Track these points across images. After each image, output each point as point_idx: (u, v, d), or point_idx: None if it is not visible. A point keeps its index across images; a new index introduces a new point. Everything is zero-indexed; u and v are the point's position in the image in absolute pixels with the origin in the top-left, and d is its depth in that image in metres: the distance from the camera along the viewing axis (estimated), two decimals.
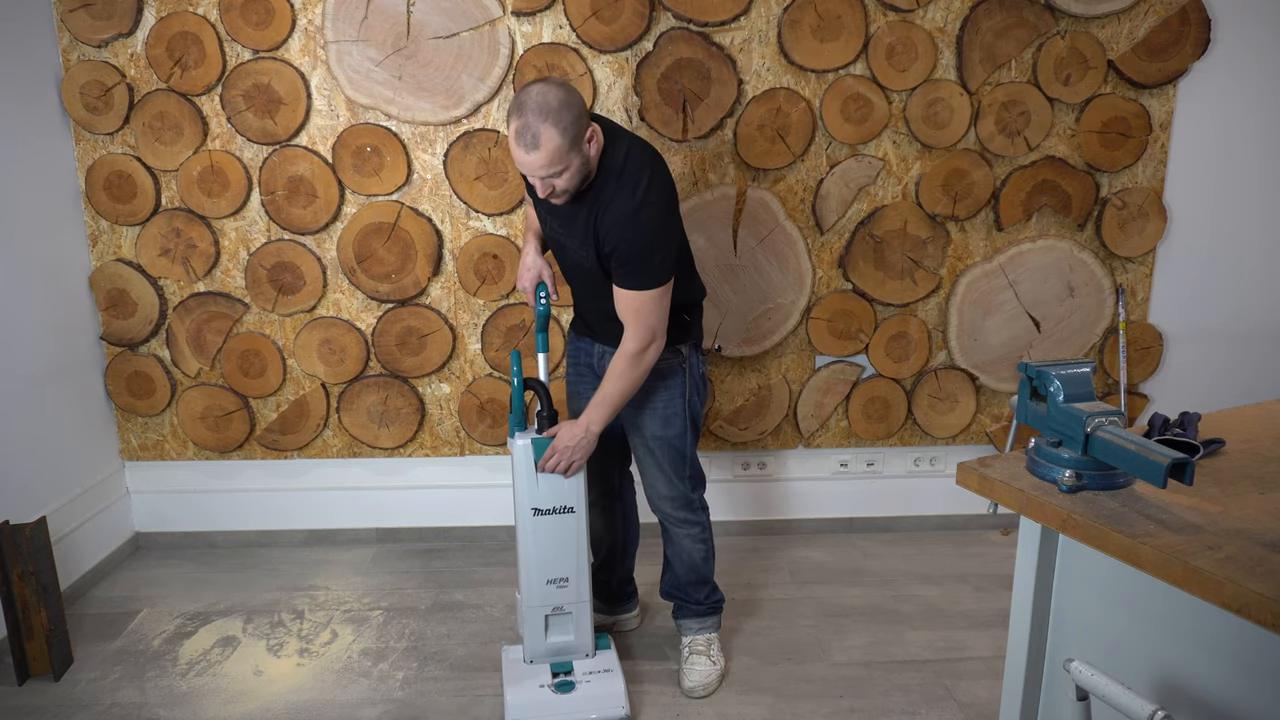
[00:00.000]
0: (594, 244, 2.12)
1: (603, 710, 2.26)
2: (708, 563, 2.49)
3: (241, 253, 3.03)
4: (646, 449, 2.38)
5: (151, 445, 3.19)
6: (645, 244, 2.08)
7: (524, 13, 2.85)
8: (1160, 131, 3.03)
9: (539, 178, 2.00)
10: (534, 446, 2.26)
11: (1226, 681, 1.25)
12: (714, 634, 2.54)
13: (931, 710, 2.36)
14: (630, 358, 2.14)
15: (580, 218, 2.12)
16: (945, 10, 2.90)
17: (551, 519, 2.32)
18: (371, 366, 3.12)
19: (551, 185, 2.02)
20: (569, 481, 2.30)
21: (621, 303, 2.12)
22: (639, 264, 2.08)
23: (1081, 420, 1.37)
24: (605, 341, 2.33)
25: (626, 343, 2.14)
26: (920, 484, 3.36)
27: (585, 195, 2.11)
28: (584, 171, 2.04)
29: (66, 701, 2.42)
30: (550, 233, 2.29)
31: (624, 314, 2.13)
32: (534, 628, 2.35)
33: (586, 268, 2.20)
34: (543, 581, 2.33)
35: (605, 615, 2.72)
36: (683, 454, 2.38)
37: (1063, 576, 1.51)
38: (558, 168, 1.98)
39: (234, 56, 2.88)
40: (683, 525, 2.44)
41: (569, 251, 2.24)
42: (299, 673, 2.55)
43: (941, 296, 3.14)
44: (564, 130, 1.94)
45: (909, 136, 2.99)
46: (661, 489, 2.40)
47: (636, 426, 2.36)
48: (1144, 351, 3.21)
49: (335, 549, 3.29)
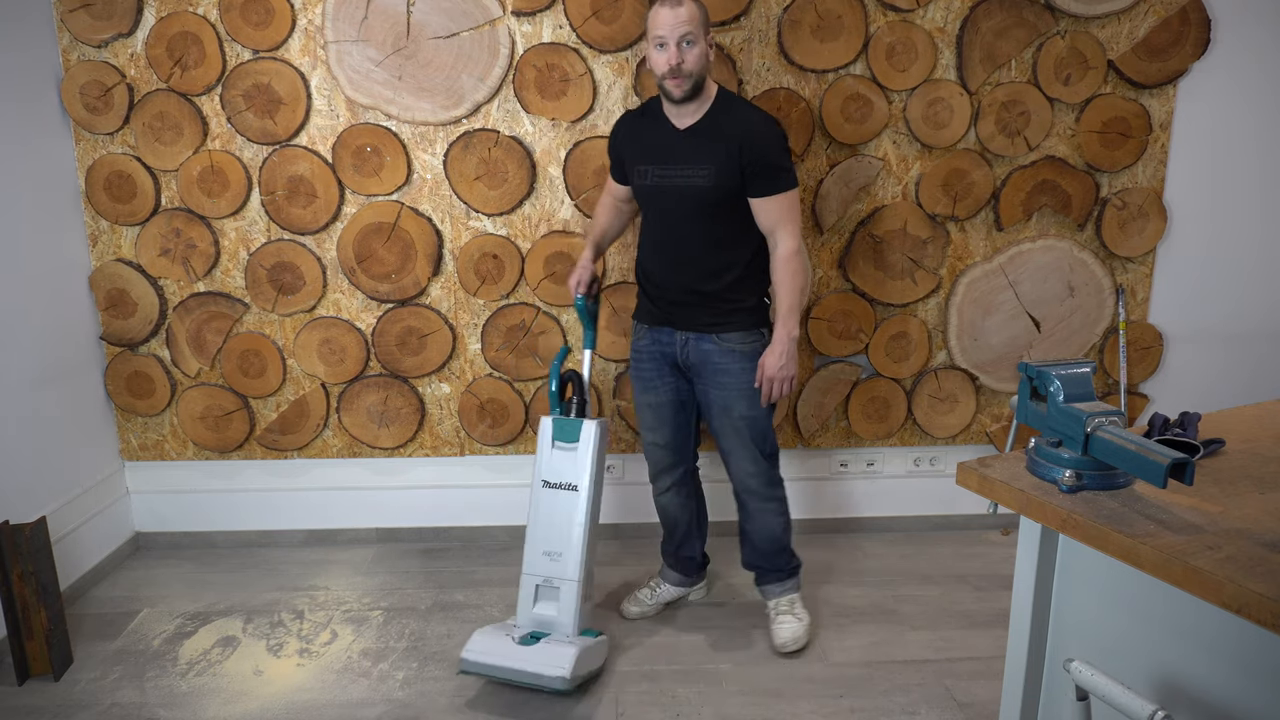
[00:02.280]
0: (721, 161, 2.31)
1: (544, 667, 2.26)
2: (787, 532, 2.66)
3: (241, 253, 3.03)
4: (734, 429, 2.50)
5: (151, 445, 3.19)
6: (785, 148, 2.38)
7: (524, 13, 2.85)
8: (1160, 131, 3.03)
9: (677, 37, 2.22)
10: (554, 425, 2.50)
11: (1226, 681, 1.25)
12: (796, 594, 2.70)
13: (931, 710, 2.36)
14: (795, 254, 2.37)
15: (701, 137, 2.34)
16: (945, 10, 2.90)
17: (557, 493, 2.47)
18: (371, 366, 3.12)
19: (681, 58, 2.22)
20: (578, 460, 2.44)
21: (773, 208, 2.35)
22: (784, 165, 2.35)
23: (1081, 420, 1.37)
24: (689, 326, 2.47)
25: (787, 241, 2.36)
26: (920, 484, 3.36)
27: (703, 119, 2.34)
28: (705, 64, 2.28)
29: (66, 701, 2.42)
30: (648, 183, 2.42)
31: (777, 218, 2.36)
32: (525, 594, 2.46)
33: (698, 201, 2.35)
34: (539, 551, 2.46)
35: (681, 586, 2.83)
36: (765, 432, 2.53)
37: (1063, 576, 1.51)
38: (694, 30, 2.23)
39: (234, 56, 2.88)
40: (767, 501, 2.59)
41: (671, 194, 2.38)
42: (299, 673, 2.55)
43: (941, 296, 3.14)
44: (701, 7, 2.27)
45: (909, 136, 2.99)
46: (748, 466, 2.54)
47: (725, 408, 2.49)
48: (1144, 351, 3.21)
49: (335, 549, 3.29)
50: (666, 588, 2.82)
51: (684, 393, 2.59)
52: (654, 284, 2.52)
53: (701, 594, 2.91)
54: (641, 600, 2.80)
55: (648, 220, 2.52)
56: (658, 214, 2.47)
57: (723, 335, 2.44)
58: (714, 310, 2.44)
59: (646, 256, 2.54)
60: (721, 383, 2.46)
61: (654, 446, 2.67)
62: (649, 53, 2.31)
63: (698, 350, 2.47)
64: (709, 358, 2.46)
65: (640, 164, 2.44)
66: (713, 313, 2.44)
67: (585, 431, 2.48)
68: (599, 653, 2.47)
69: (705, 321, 2.45)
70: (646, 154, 2.43)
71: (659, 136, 2.41)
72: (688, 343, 2.48)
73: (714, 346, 2.45)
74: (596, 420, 2.50)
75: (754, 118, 2.35)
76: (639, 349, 2.60)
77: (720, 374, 2.46)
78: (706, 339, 2.45)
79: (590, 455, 2.46)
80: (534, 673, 2.26)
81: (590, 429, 2.48)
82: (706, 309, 2.44)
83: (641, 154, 2.44)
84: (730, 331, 2.44)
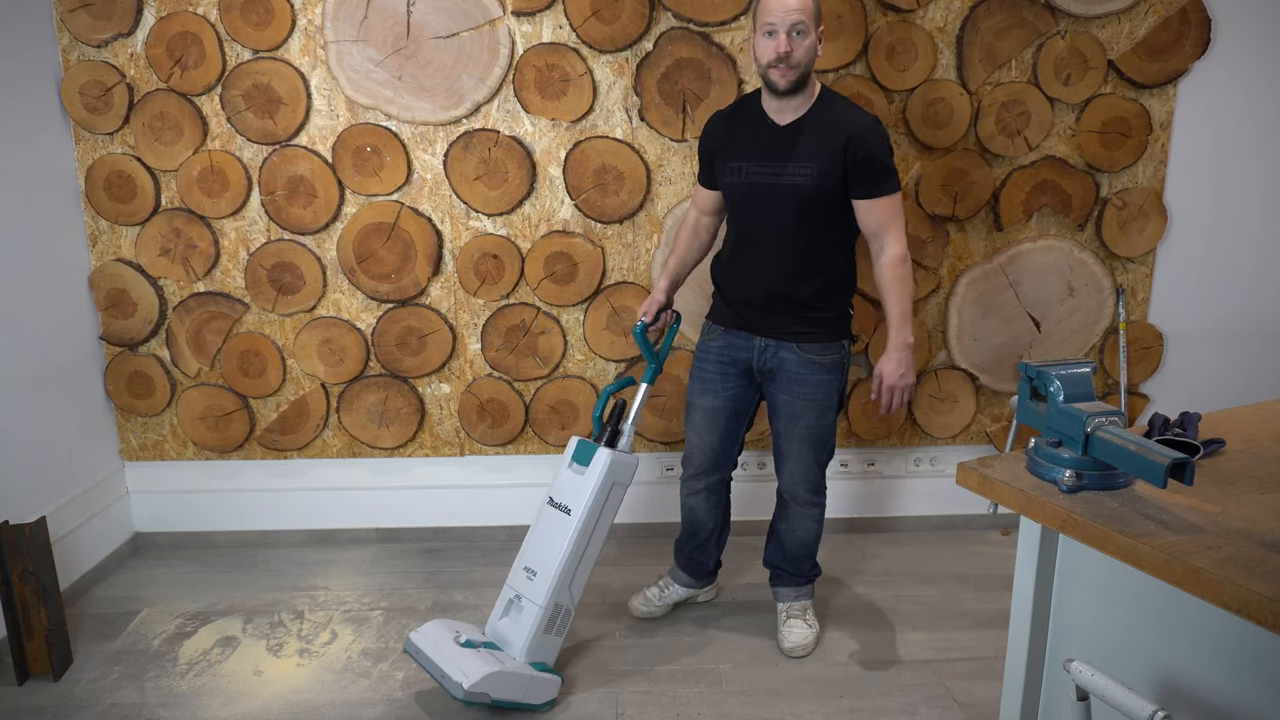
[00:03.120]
0: (826, 160, 2.24)
1: (453, 670, 2.18)
2: (818, 540, 2.65)
3: (241, 253, 3.03)
4: (800, 438, 2.47)
5: (151, 445, 3.19)
6: (890, 149, 2.31)
7: (524, 13, 2.85)
8: (1160, 131, 3.03)
9: (788, 25, 2.14)
10: (577, 444, 2.47)
11: (1227, 682, 1.25)
12: (809, 600, 2.69)
13: (931, 710, 2.36)
14: (902, 260, 2.31)
15: (804, 135, 2.27)
16: (945, 10, 2.90)
17: (553, 513, 2.43)
18: (371, 366, 3.12)
19: (791, 47, 2.15)
20: (581, 486, 2.38)
21: (880, 211, 2.29)
22: (891, 166, 2.28)
23: (1081, 420, 1.37)
24: (772, 334, 2.41)
25: (895, 246, 2.30)
26: (920, 484, 3.36)
27: (806, 116, 2.28)
28: (812, 56, 2.21)
29: (66, 701, 2.42)
30: (743, 180, 2.34)
31: (884, 221, 2.29)
32: (499, 604, 2.45)
33: (797, 201, 2.28)
34: (521, 565, 2.43)
35: (691, 588, 2.82)
36: (827, 443, 2.51)
37: (1063, 576, 1.51)
38: (806, 20, 2.15)
39: (234, 56, 2.88)
40: (809, 506, 2.58)
41: (768, 193, 2.30)
42: (299, 673, 2.55)
43: (941, 296, 3.14)
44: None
45: (909, 136, 2.99)
46: (801, 474, 2.53)
47: (793, 416, 2.45)
48: (1144, 351, 3.21)
49: (335, 549, 3.29)
50: (675, 588, 2.80)
51: (743, 400, 2.52)
52: (735, 287, 2.44)
53: (710, 596, 2.90)
54: (650, 600, 2.79)
55: (737, 221, 2.43)
56: (751, 214, 2.36)
57: (803, 345, 2.38)
58: (798, 318, 2.37)
59: (730, 259, 2.46)
60: (794, 391, 2.41)
61: (696, 449, 2.59)
62: (755, 40, 2.22)
63: (776, 357, 2.41)
64: (786, 365, 2.40)
65: (735, 161, 2.35)
66: (797, 320, 2.37)
67: (597, 459, 2.40)
68: (535, 688, 2.30)
69: (787, 330, 2.38)
70: (743, 150, 2.33)
71: (758, 132, 2.32)
72: (766, 349, 2.42)
73: (793, 355, 2.39)
74: (613, 452, 2.40)
75: (860, 118, 2.27)
76: (706, 349, 2.53)
77: (794, 383, 2.41)
78: (786, 346, 2.39)
79: (594, 484, 2.37)
80: (444, 672, 2.19)
81: (602, 458, 2.39)
82: (790, 316, 2.37)
83: (738, 150, 2.35)
84: (811, 342, 2.38)
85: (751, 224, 2.38)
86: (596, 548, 2.43)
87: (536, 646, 2.35)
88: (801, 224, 2.31)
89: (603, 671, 2.53)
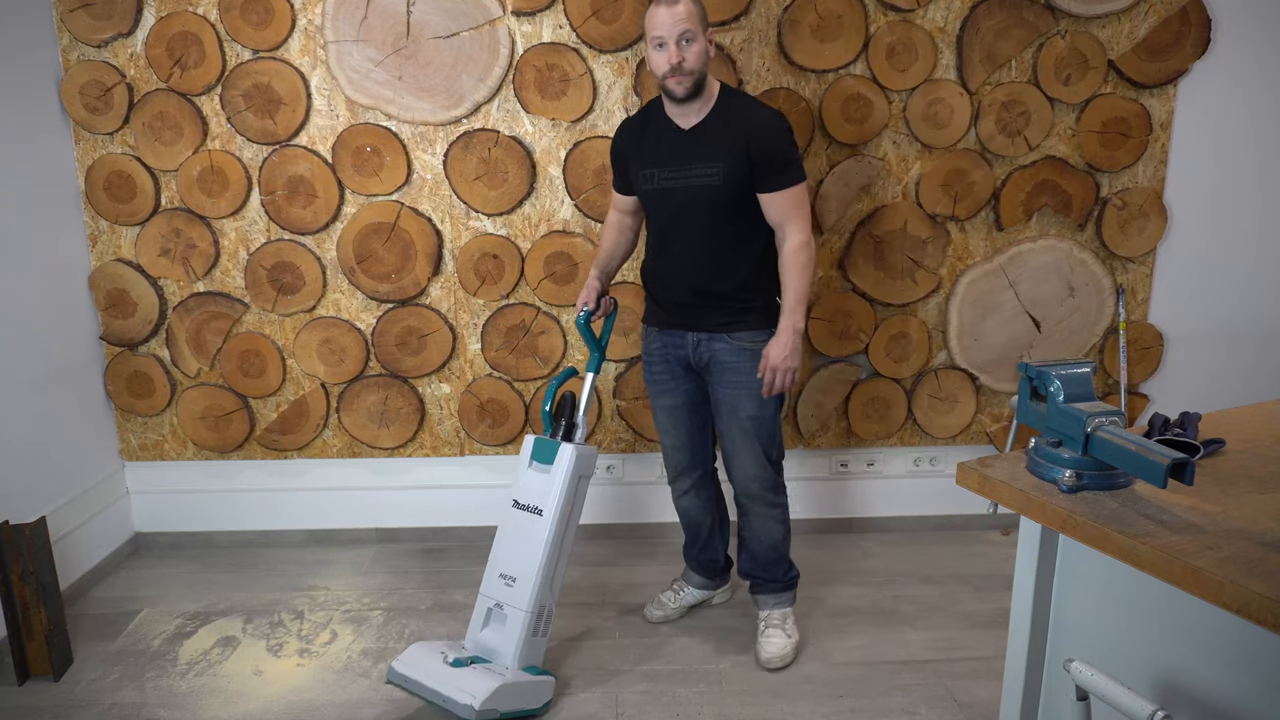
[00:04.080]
0: (731, 158, 2.29)
1: (458, 693, 2.14)
2: (786, 541, 2.61)
3: (241, 253, 3.03)
4: (742, 430, 2.47)
5: (151, 445, 3.19)
6: (792, 141, 2.37)
7: (524, 13, 2.85)
8: (1160, 131, 3.03)
9: (675, 35, 2.21)
10: (534, 443, 2.43)
11: (1227, 682, 1.25)
12: (789, 608, 2.65)
13: (931, 710, 2.36)
14: (803, 246, 2.35)
15: (708, 136, 2.33)
16: (945, 10, 2.90)
17: (522, 515, 2.38)
18: (371, 366, 3.12)
19: (681, 56, 2.22)
20: (548, 484, 2.35)
21: (782, 202, 2.34)
22: (792, 158, 2.34)
23: (1081, 420, 1.37)
24: (703, 327, 2.44)
25: (796, 235, 2.34)
26: (920, 484, 3.36)
27: (708, 118, 2.33)
28: (704, 62, 2.27)
29: (66, 701, 2.42)
30: (655, 186, 2.40)
31: (786, 212, 2.34)
32: (477, 616, 2.40)
33: (709, 201, 2.34)
34: (496, 573, 2.38)
35: (706, 589, 2.81)
36: (773, 435, 2.50)
37: (1063, 576, 1.51)
38: (692, 28, 2.22)
39: (234, 56, 2.88)
40: (769, 506, 2.56)
41: (680, 195, 2.36)
42: (299, 673, 2.55)
43: (941, 296, 3.14)
44: (698, 4, 2.26)
45: (909, 136, 2.99)
46: (752, 469, 2.51)
47: (733, 408, 2.46)
48: (1144, 351, 3.21)
49: (335, 549, 3.29)
50: (690, 591, 2.79)
51: (697, 394, 2.56)
52: (662, 287, 2.50)
53: (726, 597, 2.88)
54: (664, 604, 2.78)
55: (654, 224, 2.49)
56: (666, 217, 2.43)
57: (734, 334, 2.42)
58: (726, 310, 2.41)
59: (653, 261, 2.52)
60: (731, 381, 2.44)
61: (671, 449, 2.65)
62: (648, 54, 2.29)
63: (710, 350, 2.45)
64: (720, 356, 2.44)
65: (645, 168, 2.41)
66: (725, 313, 2.42)
67: (561, 455, 2.37)
68: (535, 693, 2.30)
69: (717, 321, 2.42)
70: (651, 157, 2.40)
71: (663, 138, 2.39)
72: (700, 343, 2.46)
73: (725, 345, 2.43)
74: (576, 446, 2.39)
75: (759, 113, 2.34)
76: (650, 353, 2.58)
77: (729, 372, 2.44)
78: (719, 338, 2.43)
79: (562, 481, 2.34)
80: (446, 695, 2.14)
81: (567, 453, 2.36)
82: (718, 309, 2.42)
83: (646, 158, 2.41)
84: (742, 330, 2.42)
85: (669, 225, 2.43)
86: (570, 542, 2.42)
87: (527, 651, 2.33)
88: (716, 221, 2.36)
89: (602, 671, 2.53)
